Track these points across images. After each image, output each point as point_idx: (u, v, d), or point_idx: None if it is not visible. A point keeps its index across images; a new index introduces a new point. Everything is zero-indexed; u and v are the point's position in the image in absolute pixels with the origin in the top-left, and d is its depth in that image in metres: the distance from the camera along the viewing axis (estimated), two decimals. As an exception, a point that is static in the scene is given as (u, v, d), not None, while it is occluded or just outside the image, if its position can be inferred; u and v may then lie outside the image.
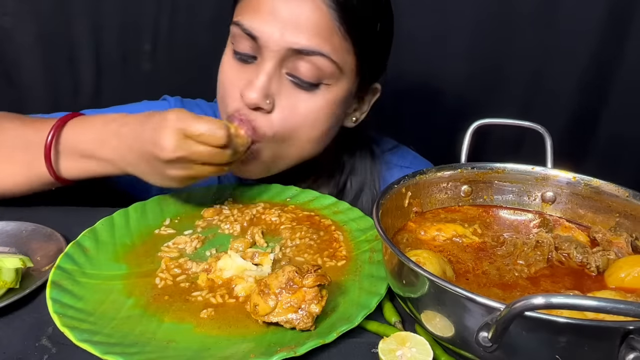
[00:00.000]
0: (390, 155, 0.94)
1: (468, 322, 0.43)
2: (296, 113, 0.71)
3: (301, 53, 0.67)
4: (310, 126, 0.72)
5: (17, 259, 0.57)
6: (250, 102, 0.68)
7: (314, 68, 0.68)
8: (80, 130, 0.69)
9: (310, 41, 0.67)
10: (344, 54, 0.70)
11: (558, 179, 0.68)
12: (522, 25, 1.18)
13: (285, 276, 0.52)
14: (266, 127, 0.70)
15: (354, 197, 0.87)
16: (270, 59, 0.68)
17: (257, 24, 0.67)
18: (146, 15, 1.14)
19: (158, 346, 0.49)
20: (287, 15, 0.66)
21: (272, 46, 0.67)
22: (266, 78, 0.68)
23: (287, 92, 0.70)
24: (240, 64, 0.71)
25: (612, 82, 1.22)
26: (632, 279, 0.54)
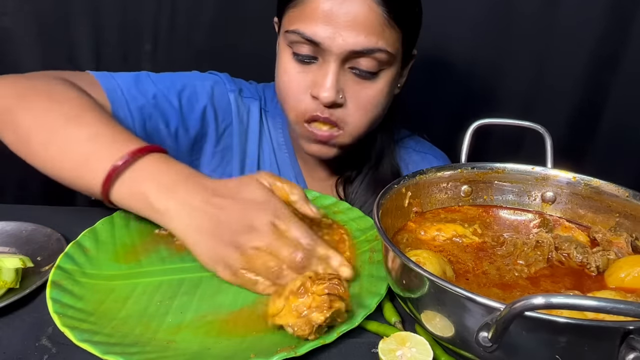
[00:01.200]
0: (408, 140, 1.00)
1: (468, 322, 0.43)
2: (365, 100, 0.78)
3: (362, 52, 0.73)
4: (376, 107, 0.80)
5: (17, 259, 0.57)
6: (327, 102, 0.75)
7: (373, 61, 0.75)
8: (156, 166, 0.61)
9: (369, 40, 0.72)
10: (395, 42, 0.76)
11: (558, 179, 0.68)
12: (523, 26, 1.18)
13: (300, 280, 0.51)
14: (344, 117, 0.78)
15: (374, 163, 0.92)
16: (334, 60, 0.74)
17: (318, 31, 0.72)
18: (146, 15, 1.14)
19: (158, 346, 0.49)
20: (343, 19, 0.71)
21: (335, 50, 0.73)
22: (334, 77, 0.74)
23: (353, 83, 0.77)
24: (303, 66, 0.77)
25: (612, 82, 1.22)
26: (632, 279, 0.54)
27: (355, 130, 0.80)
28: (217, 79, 0.91)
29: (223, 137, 0.90)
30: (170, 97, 0.82)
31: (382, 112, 0.83)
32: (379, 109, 0.81)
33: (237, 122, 0.90)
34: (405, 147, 0.99)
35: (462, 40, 1.20)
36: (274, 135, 0.94)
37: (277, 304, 0.50)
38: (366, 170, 0.92)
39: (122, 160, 0.59)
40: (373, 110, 0.80)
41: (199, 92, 0.86)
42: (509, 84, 1.25)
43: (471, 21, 1.19)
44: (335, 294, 0.50)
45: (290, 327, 0.49)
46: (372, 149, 0.92)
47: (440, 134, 1.08)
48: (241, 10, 1.14)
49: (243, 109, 0.91)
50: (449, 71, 1.24)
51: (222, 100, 0.88)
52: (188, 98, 0.84)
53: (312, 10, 0.72)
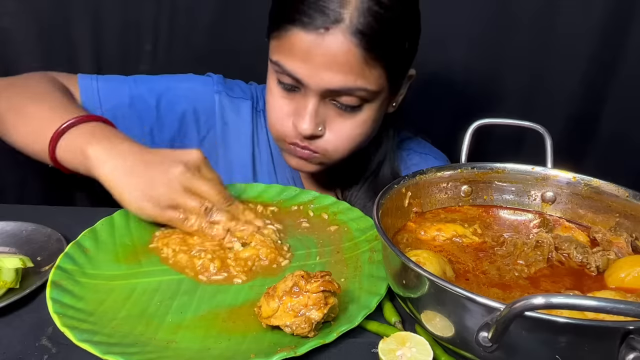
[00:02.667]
0: (408, 142, 1.00)
1: (468, 322, 0.43)
2: (346, 131, 0.78)
3: (339, 92, 0.73)
4: (359, 135, 0.80)
5: (17, 259, 0.57)
6: (305, 134, 0.76)
7: (354, 98, 0.75)
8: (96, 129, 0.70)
9: (347, 80, 0.72)
10: (378, 79, 0.74)
11: (558, 179, 0.68)
12: (523, 26, 1.18)
13: (291, 280, 0.51)
14: (324, 146, 0.79)
15: (375, 169, 0.92)
16: (314, 95, 0.74)
17: (296, 67, 0.72)
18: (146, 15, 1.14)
19: (158, 346, 0.49)
20: (319, 59, 0.70)
21: (313, 87, 0.73)
22: (313, 110, 0.75)
23: (334, 116, 0.77)
24: (287, 93, 0.78)
25: (612, 82, 1.22)
26: (632, 279, 0.54)
27: (338, 155, 0.81)
28: (207, 80, 0.92)
29: (206, 139, 0.91)
30: (148, 99, 0.86)
31: (367, 137, 0.82)
32: (363, 137, 0.81)
33: (220, 124, 0.90)
34: (407, 149, 0.99)
35: (463, 40, 1.20)
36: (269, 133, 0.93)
37: (271, 305, 0.50)
38: (366, 175, 0.92)
39: (66, 124, 0.68)
40: (355, 140, 0.80)
41: (181, 95, 0.88)
42: (509, 84, 1.25)
43: (471, 22, 1.19)
44: (329, 290, 0.50)
45: (289, 327, 0.49)
46: (373, 155, 0.92)
47: (440, 134, 1.08)
48: (241, 11, 1.14)
49: (230, 109, 0.91)
50: (449, 71, 1.24)
51: (205, 102, 0.90)
52: (168, 100, 0.87)
53: (292, 45, 0.71)
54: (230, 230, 0.66)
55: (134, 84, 0.87)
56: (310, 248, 0.68)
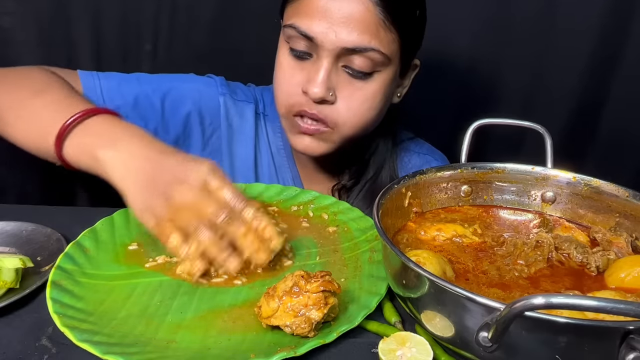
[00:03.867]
0: (408, 142, 1.01)
1: (468, 322, 0.43)
2: (357, 101, 0.78)
3: (354, 50, 0.73)
4: (369, 109, 0.79)
5: (17, 259, 0.57)
6: (316, 97, 0.75)
7: (367, 61, 0.75)
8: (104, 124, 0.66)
9: (362, 39, 0.72)
10: (391, 44, 0.75)
11: (558, 179, 0.68)
12: (522, 26, 1.18)
13: (291, 280, 0.51)
14: (334, 116, 0.78)
15: (373, 174, 0.92)
16: (327, 56, 0.74)
17: (313, 26, 0.73)
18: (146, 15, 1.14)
19: (158, 346, 0.49)
20: (338, 17, 0.71)
21: (327, 45, 0.73)
22: (326, 73, 0.75)
23: (345, 83, 0.77)
24: (298, 62, 0.78)
25: (612, 82, 1.22)
26: (632, 279, 0.54)
27: (347, 130, 0.80)
28: (210, 81, 0.91)
29: (210, 140, 0.90)
30: (153, 99, 0.84)
31: (376, 116, 0.82)
32: (372, 112, 0.80)
33: (225, 126, 0.90)
34: (406, 150, 0.99)
35: (463, 40, 1.20)
36: (273, 139, 0.94)
37: (270, 305, 0.50)
38: (365, 180, 0.91)
39: (72, 119, 0.64)
40: (365, 112, 0.79)
41: (186, 96, 0.87)
42: (509, 84, 1.25)
43: (471, 21, 1.19)
44: (329, 290, 0.50)
45: (289, 327, 0.49)
46: (371, 158, 0.91)
47: (440, 134, 1.08)
48: (242, 10, 1.14)
49: (234, 112, 0.90)
50: (449, 71, 1.24)
51: (210, 104, 0.89)
52: (172, 100, 0.86)
53: (309, 5, 0.73)
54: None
55: (138, 83, 0.85)
56: (310, 248, 0.68)
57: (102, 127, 0.65)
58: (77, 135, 0.65)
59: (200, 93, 0.88)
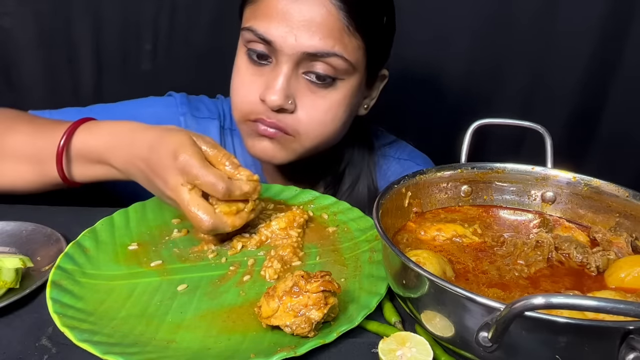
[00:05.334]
0: (388, 148, 0.97)
1: (468, 322, 0.43)
2: (318, 110, 0.74)
3: (316, 56, 0.70)
4: (332, 120, 0.76)
5: (17, 259, 0.57)
6: (274, 105, 0.71)
7: (328, 67, 0.71)
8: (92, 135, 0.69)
9: (324, 43, 0.69)
10: (355, 50, 0.72)
11: (558, 179, 0.68)
12: (523, 25, 1.18)
13: (291, 280, 0.51)
14: (294, 125, 0.74)
15: (349, 185, 0.89)
16: (287, 61, 0.71)
17: (272, 29, 0.69)
18: (146, 15, 1.14)
19: (158, 346, 0.49)
20: (299, 20, 0.68)
21: (287, 50, 0.70)
22: (285, 80, 0.71)
23: (306, 91, 0.73)
24: (256, 67, 0.74)
25: (612, 82, 1.22)
26: (632, 279, 0.54)
27: (308, 141, 0.76)
28: (170, 101, 0.89)
29: None
30: None
31: (339, 127, 0.78)
32: (335, 123, 0.77)
33: None
34: (385, 156, 0.95)
35: (463, 40, 1.21)
36: (242, 154, 0.89)
37: (270, 305, 0.50)
38: (341, 193, 0.88)
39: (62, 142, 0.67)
40: (328, 123, 0.76)
41: (145, 122, 0.83)
42: (509, 84, 1.25)
43: (471, 21, 1.19)
44: (329, 290, 0.50)
45: (289, 327, 0.49)
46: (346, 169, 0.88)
47: (441, 134, 1.08)
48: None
49: (196, 130, 0.85)
50: (450, 71, 1.24)
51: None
52: None
53: (268, 7, 0.69)
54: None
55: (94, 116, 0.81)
56: (310, 248, 0.68)
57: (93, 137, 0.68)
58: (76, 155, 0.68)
59: (160, 116, 0.86)
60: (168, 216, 0.73)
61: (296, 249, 0.66)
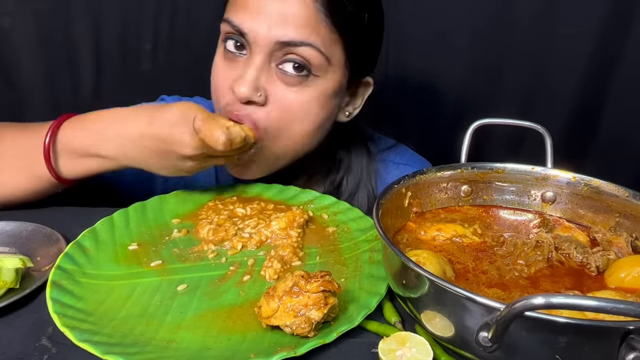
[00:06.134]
0: (387, 153, 0.95)
1: (468, 322, 0.43)
2: (289, 105, 0.72)
3: (289, 45, 0.69)
4: (304, 118, 0.74)
5: (17, 259, 0.57)
6: (242, 96, 0.70)
7: (302, 59, 0.70)
8: (77, 130, 0.70)
9: (297, 33, 0.69)
10: (331, 45, 0.71)
11: (558, 179, 0.68)
12: (523, 25, 1.18)
13: (291, 280, 0.51)
14: (263, 120, 0.72)
15: (349, 195, 0.88)
16: (259, 53, 0.70)
17: (245, 20, 0.70)
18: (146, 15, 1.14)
19: (158, 346, 0.49)
20: (273, 10, 0.68)
21: (260, 41, 0.69)
22: (255, 71, 0.70)
23: (279, 83, 0.72)
24: (230, 60, 0.74)
25: (612, 82, 1.22)
26: (632, 279, 0.54)
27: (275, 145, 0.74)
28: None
29: None
30: None
31: (314, 129, 0.76)
32: (309, 122, 0.74)
33: None
34: (384, 161, 0.94)
35: (463, 41, 1.20)
36: None
37: (271, 305, 0.50)
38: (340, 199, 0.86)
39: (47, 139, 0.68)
40: (301, 120, 0.73)
41: None
42: (509, 84, 1.25)
43: (472, 21, 1.19)
44: (329, 290, 0.50)
45: (289, 327, 0.49)
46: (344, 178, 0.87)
47: (441, 133, 1.08)
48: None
49: None
50: (450, 71, 1.24)
51: None
52: None
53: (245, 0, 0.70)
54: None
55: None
56: (310, 248, 0.68)
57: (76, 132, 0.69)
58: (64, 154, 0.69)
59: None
60: (168, 216, 0.73)
61: (296, 249, 0.66)
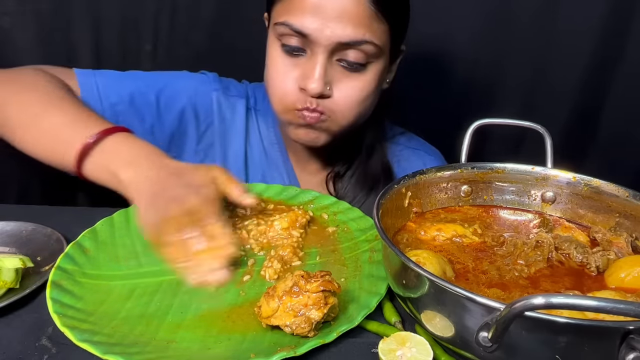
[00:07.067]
0: (400, 136, 1.01)
1: (468, 322, 0.43)
2: (353, 92, 0.79)
3: (349, 44, 0.74)
4: (365, 98, 0.81)
5: (17, 259, 0.57)
6: (314, 93, 0.76)
7: (361, 53, 0.76)
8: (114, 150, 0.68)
9: (356, 32, 0.73)
10: (383, 35, 0.77)
11: (558, 179, 0.68)
12: (523, 25, 1.18)
13: (291, 280, 0.51)
14: (332, 108, 0.79)
15: (365, 158, 0.93)
16: (322, 52, 0.75)
17: (306, 23, 0.73)
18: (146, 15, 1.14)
19: (158, 346, 0.49)
20: (331, 11, 0.72)
21: (322, 41, 0.74)
22: (322, 69, 0.76)
23: (341, 75, 0.78)
24: (291, 59, 0.78)
25: (612, 82, 1.22)
26: (632, 279, 0.54)
27: (343, 119, 0.81)
28: (203, 78, 0.93)
29: (205, 135, 0.91)
30: (148, 95, 0.86)
31: (370, 105, 0.84)
32: (367, 102, 0.82)
33: (218, 121, 0.91)
34: (397, 144, 1.00)
35: (463, 40, 1.20)
36: (265, 133, 0.95)
37: (270, 305, 0.50)
38: (356, 165, 0.93)
39: (92, 139, 0.67)
40: (361, 102, 0.81)
41: (180, 92, 0.89)
42: (509, 84, 1.25)
43: (471, 20, 1.19)
44: (329, 289, 0.50)
45: (289, 327, 0.49)
46: (362, 144, 0.93)
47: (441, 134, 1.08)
48: (241, 10, 1.14)
49: (226, 107, 0.92)
50: (449, 71, 1.24)
51: (204, 100, 0.90)
52: (167, 96, 0.87)
53: (300, 2, 0.73)
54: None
55: (133, 81, 0.87)
56: (310, 248, 0.68)
57: (119, 147, 0.68)
58: (98, 156, 0.67)
59: (195, 89, 0.90)
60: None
61: (296, 249, 0.66)
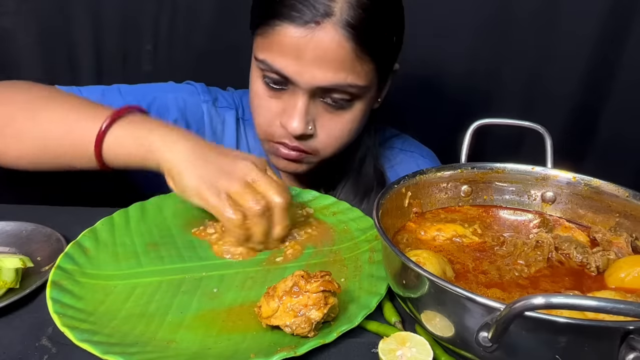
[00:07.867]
0: (395, 139, 0.99)
1: (468, 322, 0.43)
2: (337, 129, 0.78)
3: (330, 89, 0.72)
4: (349, 134, 0.80)
5: (17, 259, 0.57)
6: (295, 133, 0.74)
7: (344, 94, 0.74)
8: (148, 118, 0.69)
9: (337, 77, 0.71)
10: (369, 74, 0.74)
11: (558, 179, 0.68)
12: (523, 25, 1.18)
13: (291, 280, 0.51)
14: (316, 147, 0.78)
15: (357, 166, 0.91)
16: (303, 93, 0.73)
17: (285, 65, 0.71)
18: (146, 15, 1.14)
19: (158, 346, 0.49)
20: (310, 55, 0.69)
21: (303, 85, 0.72)
22: (304, 109, 0.74)
23: (324, 113, 0.76)
24: (273, 91, 0.75)
25: (612, 82, 1.22)
26: (632, 279, 0.54)
27: (327, 154, 0.81)
28: (191, 89, 0.90)
29: None
30: None
31: (355, 135, 0.82)
32: (352, 135, 0.81)
33: (210, 133, 0.89)
34: (391, 148, 0.98)
35: (463, 40, 1.20)
36: (253, 144, 0.93)
37: (270, 305, 0.50)
38: (349, 174, 0.91)
39: (108, 120, 0.65)
40: (345, 137, 0.80)
41: (170, 105, 0.86)
42: (509, 84, 1.25)
43: (472, 21, 1.19)
44: (329, 290, 0.50)
45: (289, 327, 0.49)
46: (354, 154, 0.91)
47: (440, 134, 1.08)
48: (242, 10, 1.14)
49: (217, 119, 0.90)
50: (449, 71, 1.24)
51: (194, 112, 0.88)
52: (157, 110, 0.84)
53: (280, 42, 0.70)
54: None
55: (120, 95, 0.83)
56: (310, 248, 0.68)
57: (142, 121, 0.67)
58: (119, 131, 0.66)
59: (184, 101, 0.88)
60: (168, 216, 0.73)
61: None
